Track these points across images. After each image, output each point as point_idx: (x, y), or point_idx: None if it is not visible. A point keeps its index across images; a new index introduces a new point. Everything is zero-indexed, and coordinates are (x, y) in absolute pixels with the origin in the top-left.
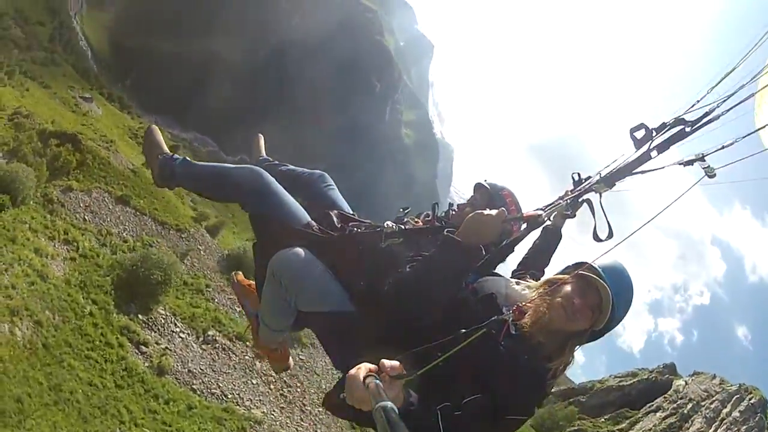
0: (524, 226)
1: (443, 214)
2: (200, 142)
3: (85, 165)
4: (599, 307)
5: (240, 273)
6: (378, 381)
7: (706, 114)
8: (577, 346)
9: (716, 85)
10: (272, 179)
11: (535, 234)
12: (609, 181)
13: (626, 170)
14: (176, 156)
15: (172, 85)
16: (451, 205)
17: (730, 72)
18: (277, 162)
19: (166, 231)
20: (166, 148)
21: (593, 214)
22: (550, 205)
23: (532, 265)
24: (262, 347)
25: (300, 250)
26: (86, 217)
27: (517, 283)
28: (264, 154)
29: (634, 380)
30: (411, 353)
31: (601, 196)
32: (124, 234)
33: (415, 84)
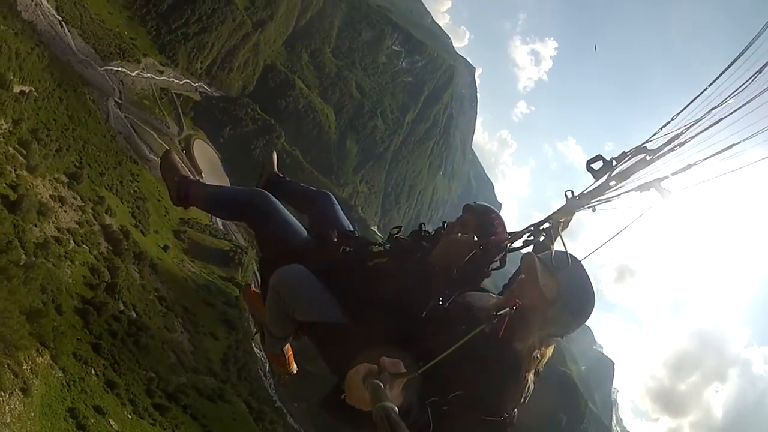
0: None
1: (433, 232)
2: None
3: None
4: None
5: (251, 284)
6: (378, 381)
7: (669, 141)
8: (547, 336)
9: (679, 113)
10: (275, 201)
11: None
12: (567, 211)
13: (585, 201)
14: (191, 178)
15: None
16: (444, 222)
17: (692, 101)
18: (287, 179)
19: None
20: (182, 171)
21: (551, 242)
22: (518, 232)
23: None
24: (269, 352)
25: (298, 267)
26: None
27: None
28: (276, 170)
29: None
30: (410, 358)
31: (561, 226)
32: None
33: (600, 408)
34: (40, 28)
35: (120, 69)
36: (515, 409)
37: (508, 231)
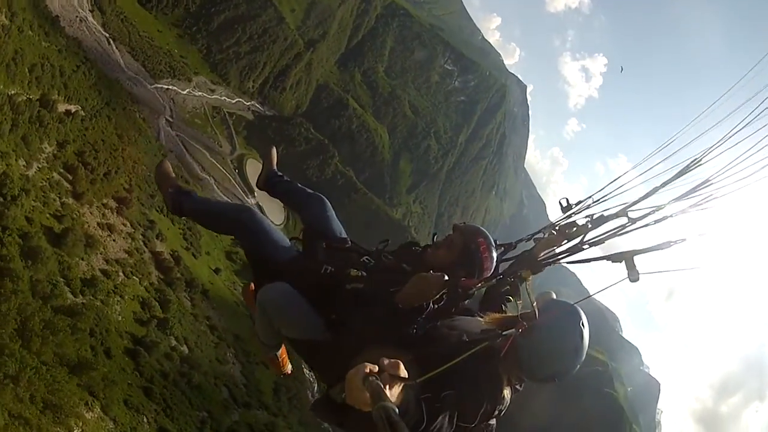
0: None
1: (423, 248)
2: None
3: None
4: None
5: (252, 285)
6: (378, 381)
7: (651, 212)
8: (517, 377)
9: (666, 184)
10: (262, 218)
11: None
12: (536, 267)
13: (553, 259)
14: (184, 190)
15: None
16: (435, 235)
17: (683, 173)
18: (285, 178)
19: None
20: (175, 182)
21: (517, 292)
22: (488, 277)
23: (493, 297)
24: (264, 356)
25: (282, 286)
26: None
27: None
28: (275, 168)
29: None
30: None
31: (526, 281)
32: None
33: (644, 430)
34: (86, 45)
35: (171, 87)
36: (488, 422)
37: (502, 253)
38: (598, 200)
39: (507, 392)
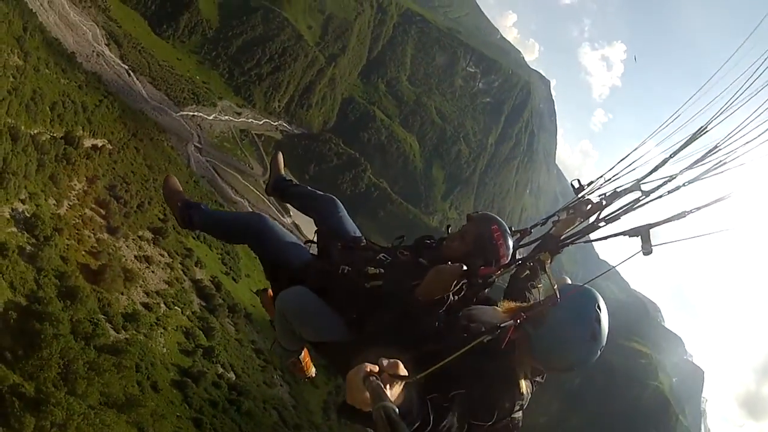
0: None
1: (437, 241)
2: None
3: None
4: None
5: (269, 290)
6: (378, 381)
7: (663, 184)
8: (535, 375)
9: (676, 153)
10: (274, 224)
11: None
12: (554, 251)
13: (570, 240)
14: (193, 203)
15: None
16: (449, 227)
17: (691, 141)
18: (294, 182)
19: None
20: (183, 195)
21: (537, 277)
22: (508, 264)
23: (517, 284)
24: (287, 361)
25: (300, 290)
26: None
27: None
28: (282, 173)
29: None
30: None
31: (549, 262)
32: None
33: (690, 420)
34: (106, 78)
35: (196, 113)
36: (512, 416)
37: (517, 240)
38: (610, 179)
39: (525, 386)
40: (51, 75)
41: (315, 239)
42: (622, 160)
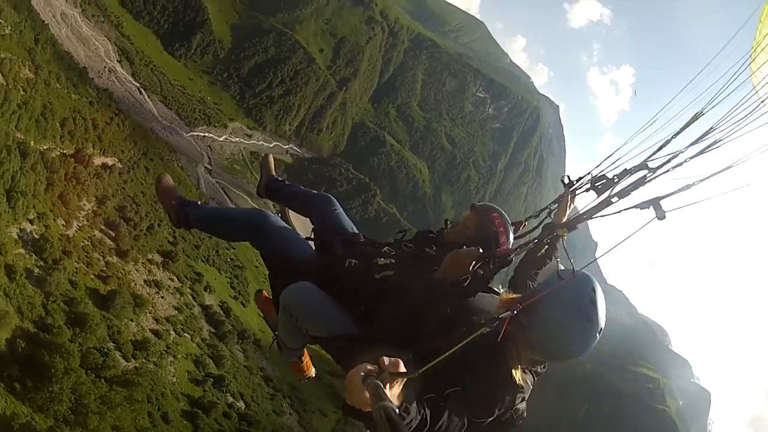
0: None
1: (437, 232)
2: None
3: None
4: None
5: (264, 291)
6: (378, 381)
7: (668, 161)
8: (531, 364)
9: (680, 132)
10: (275, 219)
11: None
12: (571, 225)
13: (586, 215)
14: (188, 201)
15: None
16: (447, 221)
17: (693, 121)
18: (286, 182)
19: None
20: (178, 193)
21: (554, 254)
22: (523, 244)
23: (521, 274)
24: (286, 359)
25: (304, 285)
26: None
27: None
28: (274, 174)
29: None
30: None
31: (563, 240)
32: None
33: None
34: (118, 95)
35: (207, 134)
36: (515, 407)
37: (513, 232)
38: (596, 176)
39: (519, 376)
40: (62, 90)
41: (312, 237)
42: (607, 158)
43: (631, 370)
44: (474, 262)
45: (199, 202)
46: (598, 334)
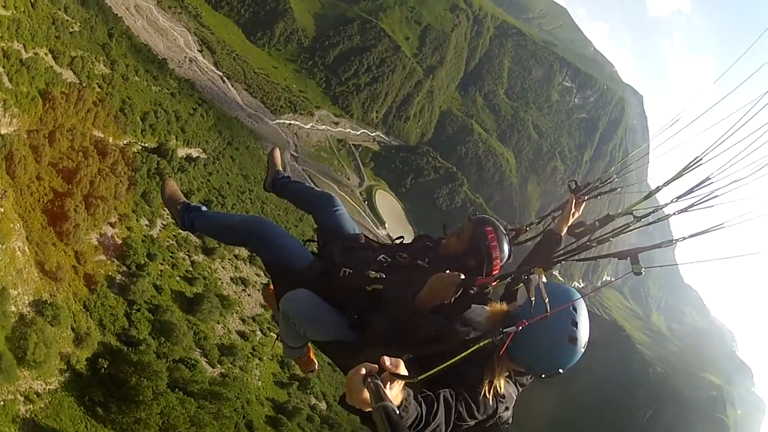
0: (473, 290)
1: (435, 240)
2: None
3: None
4: None
5: (271, 286)
6: (378, 380)
7: (653, 211)
8: (508, 375)
9: (667, 183)
10: (276, 227)
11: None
12: (548, 265)
13: (563, 257)
14: (193, 206)
15: None
16: (445, 226)
17: (682, 174)
18: (292, 179)
19: None
20: (182, 197)
21: (531, 293)
22: (505, 275)
23: (531, 262)
24: (289, 356)
25: (302, 293)
26: None
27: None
28: (280, 169)
29: None
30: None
31: (540, 277)
32: None
33: None
34: (200, 85)
35: (293, 122)
36: (498, 416)
37: (513, 239)
38: (605, 182)
39: (503, 385)
40: (141, 83)
41: (315, 237)
42: (617, 165)
43: (697, 376)
44: (454, 290)
45: (203, 207)
46: (582, 351)
